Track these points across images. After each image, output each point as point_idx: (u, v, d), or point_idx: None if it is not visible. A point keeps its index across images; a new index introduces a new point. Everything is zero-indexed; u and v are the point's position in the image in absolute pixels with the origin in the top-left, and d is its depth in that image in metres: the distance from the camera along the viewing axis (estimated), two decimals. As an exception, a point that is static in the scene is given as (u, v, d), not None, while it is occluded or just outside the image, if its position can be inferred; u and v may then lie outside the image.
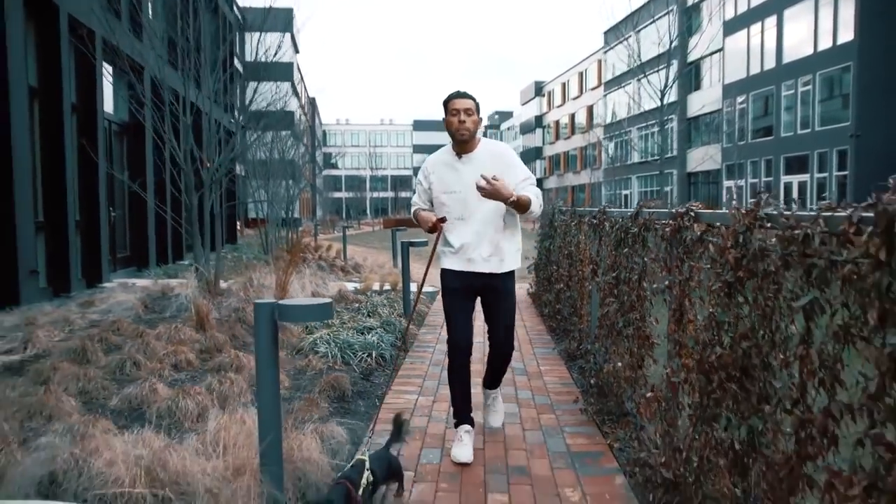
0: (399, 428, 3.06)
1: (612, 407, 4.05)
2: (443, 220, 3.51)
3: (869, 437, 1.46)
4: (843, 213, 1.67)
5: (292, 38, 39.16)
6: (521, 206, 3.36)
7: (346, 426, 3.69)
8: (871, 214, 1.51)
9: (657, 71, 23.34)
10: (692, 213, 2.78)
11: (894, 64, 26.51)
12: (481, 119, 3.57)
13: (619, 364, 3.81)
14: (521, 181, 3.47)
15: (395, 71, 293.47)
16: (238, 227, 26.01)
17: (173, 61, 11.44)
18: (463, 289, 3.57)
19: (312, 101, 72.33)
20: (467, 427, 3.57)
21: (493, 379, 3.79)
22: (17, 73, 7.39)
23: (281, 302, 2.60)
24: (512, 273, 3.63)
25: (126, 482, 2.50)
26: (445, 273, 3.62)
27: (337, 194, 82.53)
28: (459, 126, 3.42)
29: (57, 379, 4.19)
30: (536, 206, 3.45)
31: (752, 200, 2.24)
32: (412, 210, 3.75)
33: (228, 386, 4.06)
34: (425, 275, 3.87)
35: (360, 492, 2.52)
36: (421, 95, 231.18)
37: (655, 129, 44.50)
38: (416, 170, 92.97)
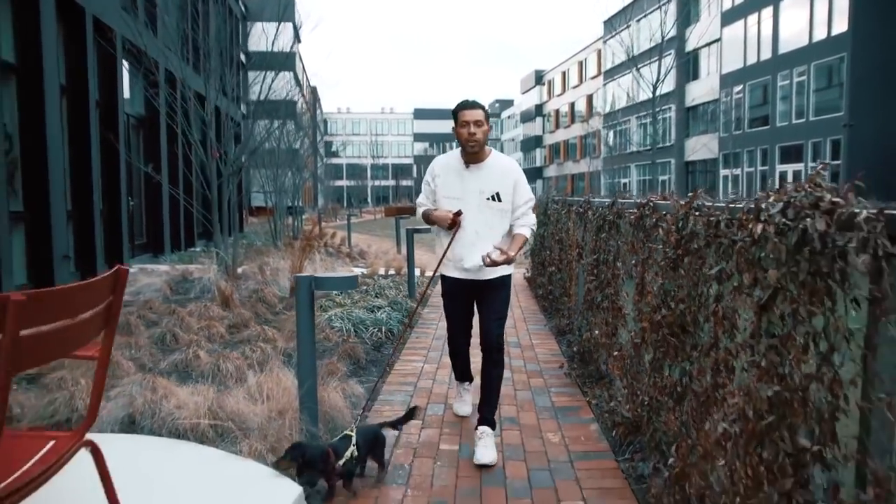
0: (410, 413, 3.38)
1: (591, 371, 4.69)
2: (459, 213, 3.53)
3: (749, 363, 2.09)
4: (740, 206, 2.28)
5: (294, 28, 39.57)
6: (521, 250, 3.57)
7: (363, 385, 4.33)
8: (753, 206, 2.12)
9: (649, 64, 23.90)
10: (651, 204, 3.39)
11: (887, 55, 27.00)
12: (491, 128, 3.63)
13: (597, 332, 4.44)
14: (523, 203, 3.58)
15: (395, 59, 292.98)
16: (244, 216, 26.61)
17: (187, 57, 12.02)
18: (460, 294, 3.69)
19: (314, 91, 72.79)
20: (466, 385, 4.00)
21: (487, 402, 3.58)
22: (50, 72, 7.98)
23: (317, 275, 3.23)
24: (507, 276, 3.67)
25: (193, 418, 3.14)
26: (444, 278, 3.76)
27: (338, 182, 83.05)
28: (469, 137, 3.47)
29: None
30: (530, 237, 3.66)
31: (690, 194, 2.86)
32: (420, 211, 3.77)
33: (260, 353, 4.70)
34: (438, 266, 3.85)
35: (343, 462, 2.77)
36: (421, 83, 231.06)
37: (655, 117, 45.04)
38: (416, 158, 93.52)
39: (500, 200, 3.54)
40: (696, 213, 2.66)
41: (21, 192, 7.86)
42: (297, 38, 50.17)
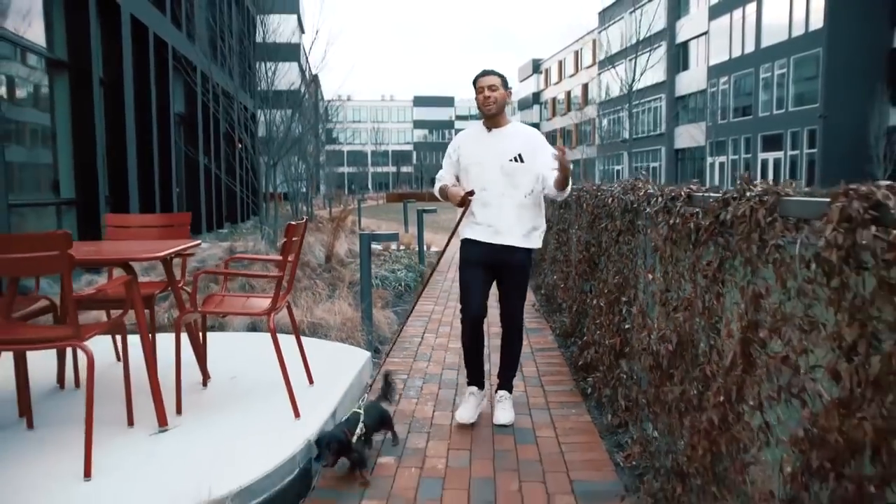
0: (388, 386, 3.41)
1: (553, 306, 6.64)
2: (471, 193, 3.60)
3: (613, 274, 4.01)
4: (699, 195, 4.18)
5: (298, 19, 41.27)
6: (565, 180, 3.43)
7: (395, 313, 6.29)
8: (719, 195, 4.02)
9: (638, 56, 25.68)
10: (585, 193, 5.31)
11: (859, 51, 28.86)
12: (510, 92, 3.69)
13: (555, 277, 6.39)
14: (551, 163, 3.49)
15: (394, 46, 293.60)
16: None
17: (217, 58, 13.93)
18: (482, 262, 3.63)
19: (315, 79, 74.55)
20: (474, 389, 3.80)
21: (505, 369, 3.79)
22: (127, 81, 9.86)
23: (372, 232, 5.15)
24: (530, 252, 3.70)
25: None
26: (466, 244, 3.70)
27: (339, 169, 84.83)
28: (485, 100, 3.57)
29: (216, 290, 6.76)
30: (569, 188, 3.59)
31: (628, 181, 4.78)
32: (437, 186, 3.82)
33: (317, 295, 6.63)
34: (449, 240, 4.05)
35: (354, 440, 2.87)
36: (420, 70, 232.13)
37: (646, 106, 46.85)
38: (416, 144, 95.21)
39: (522, 161, 3.55)
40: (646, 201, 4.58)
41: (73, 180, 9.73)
42: (300, 29, 51.65)
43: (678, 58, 43.64)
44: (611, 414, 3.67)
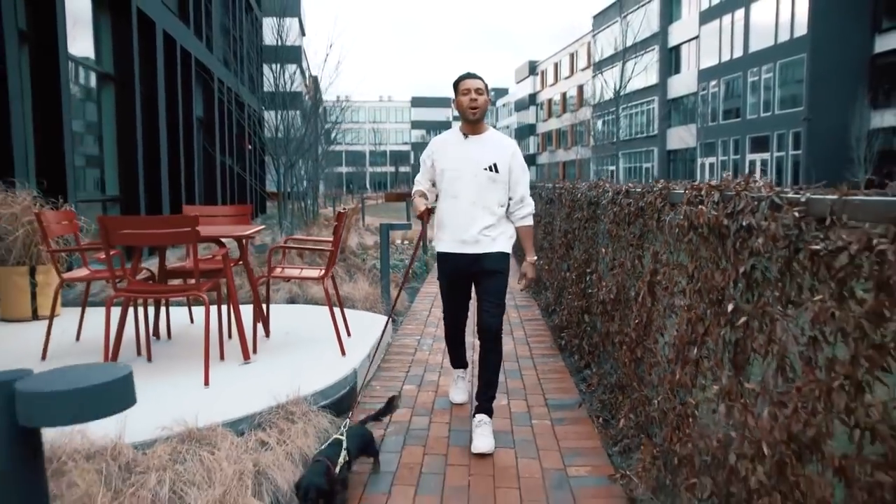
0: (390, 404, 3.35)
1: (540, 288, 7.77)
2: (431, 210, 3.65)
3: (580, 252, 5.14)
4: (633, 191, 5.30)
5: (300, 22, 42.34)
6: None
7: (406, 292, 7.42)
8: (640, 190, 5.16)
9: (632, 59, 26.85)
10: (557, 189, 6.44)
11: (841, 56, 30.06)
12: (490, 99, 3.64)
13: (541, 262, 7.52)
14: (525, 189, 3.63)
15: (391, 46, 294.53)
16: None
17: (231, 66, 15.01)
18: (457, 274, 3.65)
19: (315, 80, 75.75)
20: (460, 372, 4.05)
21: (485, 389, 3.58)
22: (159, 89, 10.97)
23: (391, 222, 6.28)
24: (504, 255, 3.64)
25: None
26: (441, 257, 3.70)
27: (338, 169, 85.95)
28: (471, 104, 3.48)
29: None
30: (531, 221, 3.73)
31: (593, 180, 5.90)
32: (414, 189, 3.79)
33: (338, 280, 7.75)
34: (414, 253, 4.41)
35: (338, 469, 2.69)
36: (417, 70, 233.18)
37: (639, 109, 48.06)
38: (414, 145, 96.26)
39: (497, 171, 3.51)
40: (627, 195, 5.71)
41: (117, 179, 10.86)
42: (302, 32, 52.62)
43: (670, 61, 44.83)
44: (577, 357, 4.80)
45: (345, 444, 2.81)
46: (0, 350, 4.65)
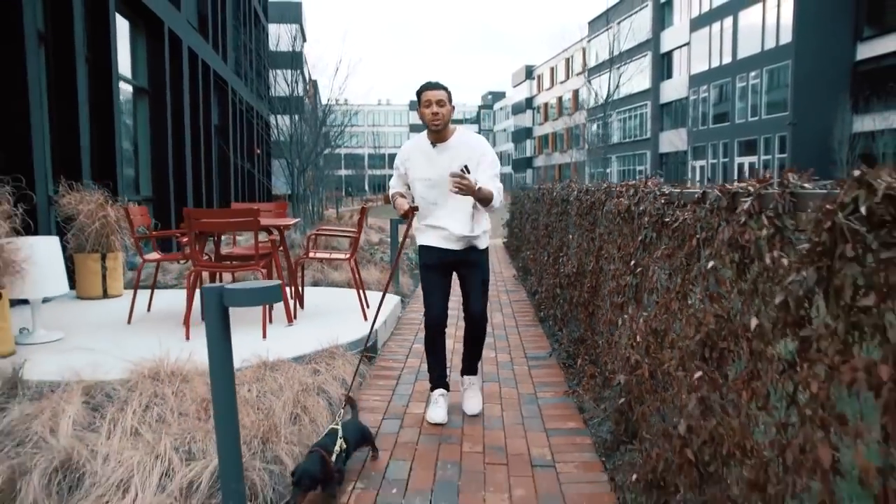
0: (352, 406, 3.34)
1: (527, 274, 8.91)
2: (415, 208, 3.68)
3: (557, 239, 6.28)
4: (592, 189, 6.45)
5: (301, 29, 43.49)
6: (483, 199, 3.48)
7: (411, 279, 8.57)
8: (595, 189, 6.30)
9: (598, 77, 27.92)
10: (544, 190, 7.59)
11: (824, 63, 31.28)
12: (454, 108, 3.65)
13: (529, 253, 8.68)
14: (490, 174, 3.58)
15: (386, 48, 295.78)
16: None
17: (245, 78, 16.14)
18: (438, 265, 3.77)
19: (314, 84, 77.12)
20: (442, 391, 3.89)
21: (470, 359, 3.92)
22: (186, 105, 12.11)
23: (397, 219, 7.43)
24: (484, 251, 3.81)
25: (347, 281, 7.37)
26: (422, 249, 3.82)
27: (337, 172, 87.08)
28: (433, 117, 3.54)
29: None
30: (497, 201, 3.56)
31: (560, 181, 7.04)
32: (391, 193, 3.89)
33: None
34: (400, 248, 4.21)
35: (334, 458, 2.78)
36: (413, 72, 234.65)
37: (633, 113, 49.25)
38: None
39: (468, 172, 3.55)
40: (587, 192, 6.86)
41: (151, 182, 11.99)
42: (303, 38, 53.56)
43: (663, 66, 46.06)
44: (552, 323, 5.95)
45: (340, 434, 2.91)
46: (92, 317, 5.79)
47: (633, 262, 3.29)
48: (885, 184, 1.28)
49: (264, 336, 4.84)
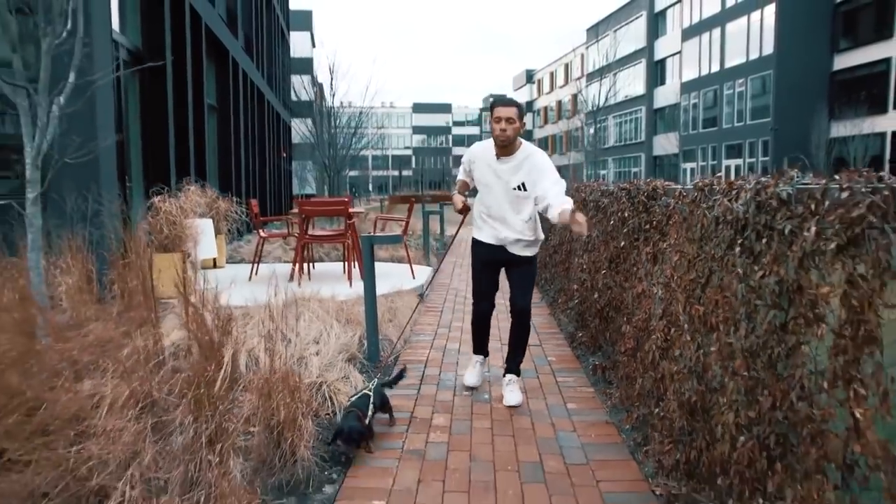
0: (400, 376, 3.89)
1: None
2: (467, 209, 4.11)
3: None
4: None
5: (311, 36, 45.84)
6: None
7: (436, 257, 10.94)
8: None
9: (590, 84, 30.17)
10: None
11: (804, 73, 33.66)
12: (524, 125, 3.79)
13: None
14: (553, 185, 3.73)
15: (389, 49, 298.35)
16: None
17: (272, 83, 18.45)
18: (490, 260, 4.03)
19: (320, 87, 79.27)
20: (480, 358, 4.33)
21: (514, 356, 4.08)
22: (236, 116, 14.46)
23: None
24: (532, 258, 4.09)
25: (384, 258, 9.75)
26: (476, 243, 4.10)
27: (342, 173, 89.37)
28: (501, 133, 3.73)
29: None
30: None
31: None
32: (458, 177, 4.29)
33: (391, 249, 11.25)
34: (456, 232, 4.89)
35: (367, 419, 3.18)
36: (416, 74, 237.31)
37: (628, 117, 51.59)
38: (415, 150, 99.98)
39: (525, 190, 3.77)
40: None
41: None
42: (312, 44, 55.86)
43: (656, 73, 48.41)
44: (562, 314, 8.31)
45: (372, 399, 3.28)
46: (218, 278, 8.15)
47: (622, 243, 5.66)
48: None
49: (350, 284, 7.21)
